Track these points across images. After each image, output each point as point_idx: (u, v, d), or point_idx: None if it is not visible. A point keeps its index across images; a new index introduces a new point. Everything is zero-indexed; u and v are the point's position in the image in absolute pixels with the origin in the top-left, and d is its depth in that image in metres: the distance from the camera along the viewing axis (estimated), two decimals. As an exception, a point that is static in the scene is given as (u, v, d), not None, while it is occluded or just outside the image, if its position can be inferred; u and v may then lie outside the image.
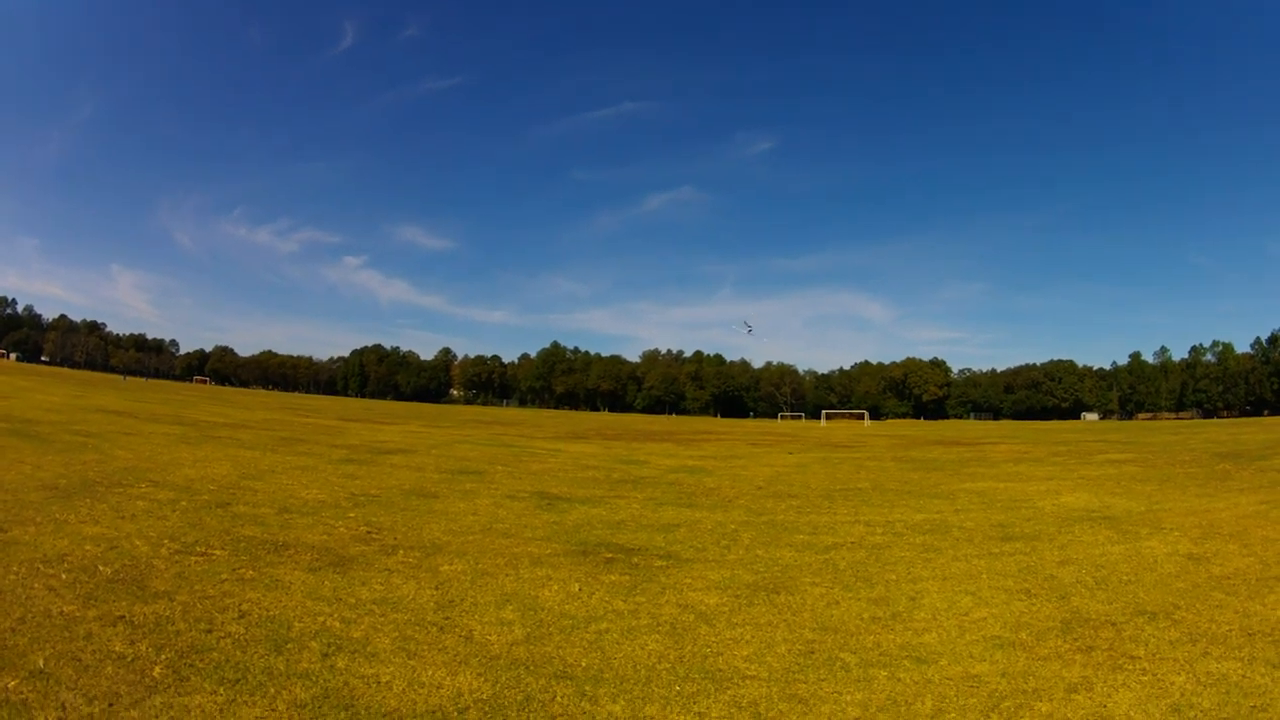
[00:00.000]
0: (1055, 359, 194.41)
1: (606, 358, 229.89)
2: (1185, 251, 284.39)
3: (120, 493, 13.29)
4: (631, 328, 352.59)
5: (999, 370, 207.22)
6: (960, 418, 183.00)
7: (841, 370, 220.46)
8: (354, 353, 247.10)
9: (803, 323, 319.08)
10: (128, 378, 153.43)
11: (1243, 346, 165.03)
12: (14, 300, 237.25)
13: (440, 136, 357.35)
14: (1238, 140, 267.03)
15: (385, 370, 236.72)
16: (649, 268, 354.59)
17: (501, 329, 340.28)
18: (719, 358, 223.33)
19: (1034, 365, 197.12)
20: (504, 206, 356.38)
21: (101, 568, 8.42)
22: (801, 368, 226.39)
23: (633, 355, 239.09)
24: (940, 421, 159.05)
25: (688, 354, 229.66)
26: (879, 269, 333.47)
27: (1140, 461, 28.38)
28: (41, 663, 5.75)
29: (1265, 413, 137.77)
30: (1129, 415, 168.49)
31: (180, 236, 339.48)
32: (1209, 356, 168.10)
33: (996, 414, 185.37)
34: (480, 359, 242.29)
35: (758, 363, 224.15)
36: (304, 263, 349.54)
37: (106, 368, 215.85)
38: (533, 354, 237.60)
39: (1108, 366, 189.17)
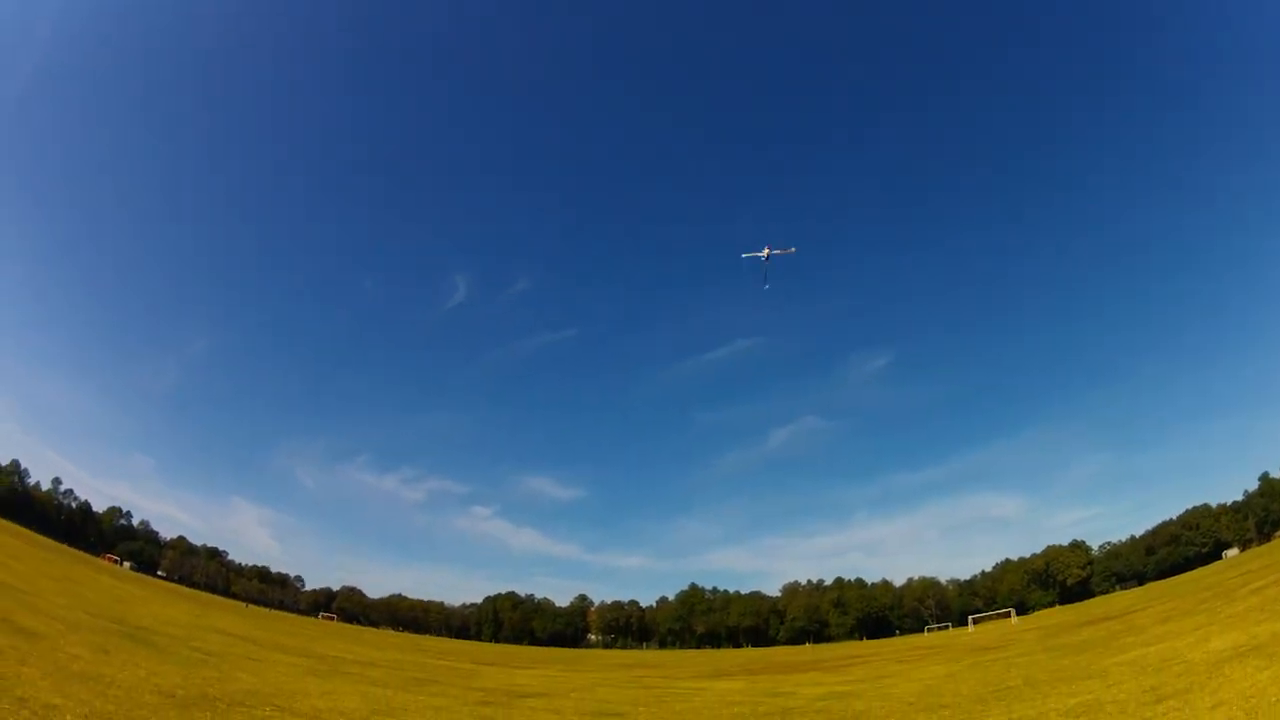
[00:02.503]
0: (1189, 507, 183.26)
1: (746, 595, 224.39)
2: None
3: (243, 712, 13.16)
4: (768, 563, 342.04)
5: (1138, 535, 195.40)
6: (1106, 593, 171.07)
7: (983, 573, 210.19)
8: (487, 599, 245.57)
9: (940, 532, 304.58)
10: (250, 605, 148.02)
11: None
12: (128, 512, 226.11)
13: (558, 388, 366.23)
14: None
15: (520, 616, 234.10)
16: (780, 501, 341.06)
17: (637, 572, 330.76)
18: (860, 581, 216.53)
19: (1170, 520, 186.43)
20: (630, 453, 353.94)
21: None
22: (944, 578, 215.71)
23: (773, 589, 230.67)
24: (1087, 601, 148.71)
25: (828, 582, 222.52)
26: (1006, 464, 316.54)
27: (1285, 579, 26.57)
28: None
29: None
30: (1267, 537, 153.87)
31: (303, 478, 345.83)
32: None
33: (1141, 579, 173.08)
34: (617, 604, 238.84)
35: (899, 580, 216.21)
36: (432, 511, 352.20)
37: (227, 593, 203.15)
38: (671, 596, 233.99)
39: (1240, 497, 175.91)
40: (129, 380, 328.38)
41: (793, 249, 60.02)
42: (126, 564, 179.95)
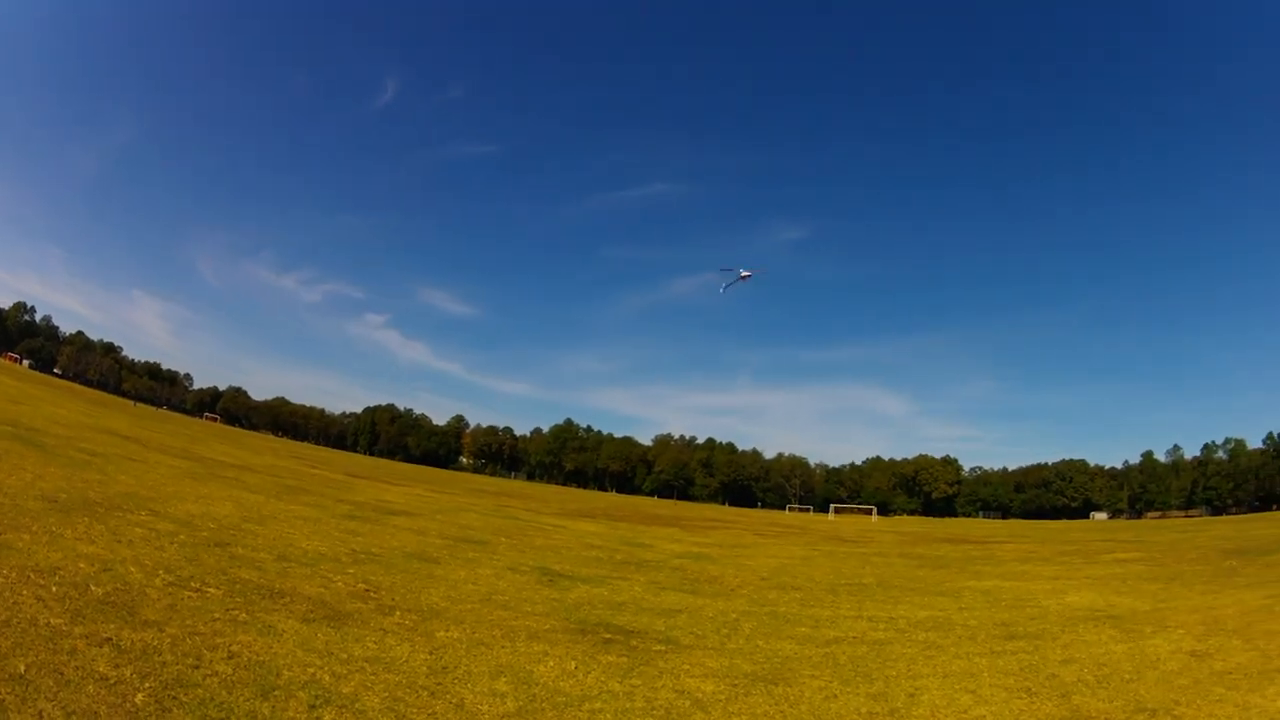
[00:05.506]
0: (1067, 458, 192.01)
1: (619, 438, 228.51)
2: (1201, 348, 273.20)
3: (119, 517, 13.07)
4: (647, 410, 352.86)
5: (1010, 469, 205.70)
6: (969, 516, 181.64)
7: (853, 465, 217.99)
8: (366, 410, 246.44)
9: (819, 415, 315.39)
10: (138, 404, 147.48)
11: (1255, 442, 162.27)
12: (33, 308, 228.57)
13: (472, 202, 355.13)
14: (1255, 234, 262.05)
15: (396, 431, 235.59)
16: (670, 350, 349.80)
17: (517, 400, 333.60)
18: (731, 446, 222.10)
19: (1045, 465, 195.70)
20: (531, 279, 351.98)
21: (93, 587, 8.25)
22: (813, 460, 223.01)
23: (646, 437, 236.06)
24: (949, 519, 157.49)
25: (700, 440, 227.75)
26: (898, 364, 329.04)
27: (1147, 560, 28.30)
28: (23, 669, 5.64)
29: (1274, 507, 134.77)
30: (1138, 514, 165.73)
31: (205, 271, 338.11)
32: (1221, 453, 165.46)
33: (1006, 512, 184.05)
34: (492, 429, 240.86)
35: (769, 453, 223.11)
36: (326, 314, 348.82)
37: (119, 391, 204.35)
38: (545, 429, 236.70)
39: (1119, 465, 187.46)
40: (48, 168, 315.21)
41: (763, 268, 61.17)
42: (26, 362, 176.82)
